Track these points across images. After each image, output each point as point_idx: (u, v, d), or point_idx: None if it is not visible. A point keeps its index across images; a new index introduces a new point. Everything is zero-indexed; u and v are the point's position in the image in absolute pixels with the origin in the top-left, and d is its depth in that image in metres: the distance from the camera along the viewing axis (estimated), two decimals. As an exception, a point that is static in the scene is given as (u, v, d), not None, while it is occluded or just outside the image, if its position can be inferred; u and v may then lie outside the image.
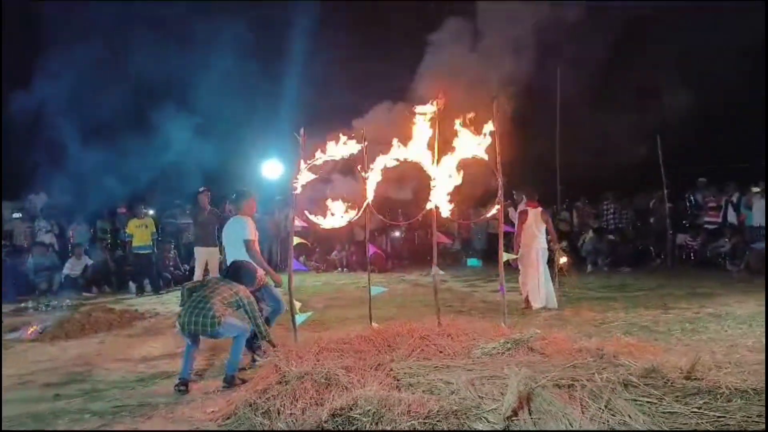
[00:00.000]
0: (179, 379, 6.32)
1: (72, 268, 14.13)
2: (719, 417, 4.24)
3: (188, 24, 16.94)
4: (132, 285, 14.28)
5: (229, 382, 6.28)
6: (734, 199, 15.41)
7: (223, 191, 16.89)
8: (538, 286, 10.28)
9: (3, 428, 5.14)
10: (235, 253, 7.38)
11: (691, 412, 4.29)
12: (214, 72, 17.23)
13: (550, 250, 10.52)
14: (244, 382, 6.20)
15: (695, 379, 4.71)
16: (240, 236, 7.39)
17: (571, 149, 19.80)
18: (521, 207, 11.61)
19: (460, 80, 12.17)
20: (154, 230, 14.84)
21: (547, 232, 10.54)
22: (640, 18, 16.63)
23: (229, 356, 6.50)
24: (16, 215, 16.63)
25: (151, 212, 16.09)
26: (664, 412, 4.31)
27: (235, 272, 6.87)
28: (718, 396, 4.44)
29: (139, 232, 14.39)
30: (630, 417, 4.23)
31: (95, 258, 14.86)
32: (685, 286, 12.12)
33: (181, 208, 16.70)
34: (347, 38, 17.52)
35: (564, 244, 12.93)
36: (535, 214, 10.50)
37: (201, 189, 13.08)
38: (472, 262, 16.91)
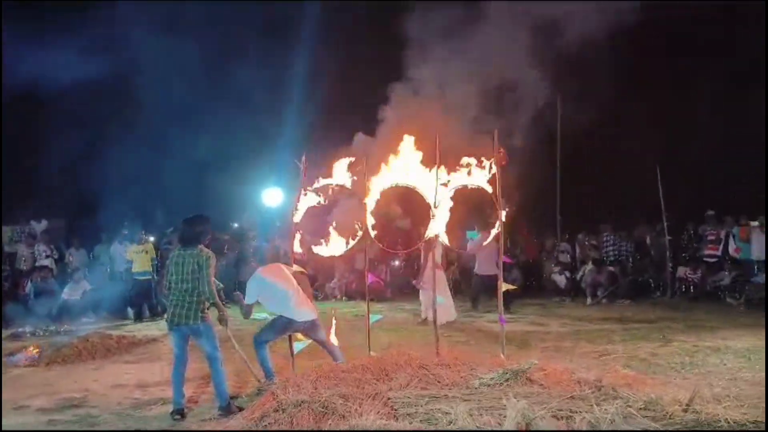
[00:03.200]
0: (174, 407, 6.32)
1: (71, 293, 14.04)
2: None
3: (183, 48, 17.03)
4: (130, 311, 14.19)
5: (225, 410, 6.26)
6: (734, 232, 15.39)
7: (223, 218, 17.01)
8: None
9: (3, 428, 5.14)
10: None
11: (690, 445, 4.27)
12: (214, 99, 17.35)
13: None
14: (241, 409, 6.17)
15: (694, 412, 4.68)
16: None
17: (572, 180, 19.93)
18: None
19: (458, 111, 12.14)
20: (154, 256, 14.83)
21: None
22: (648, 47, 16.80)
23: (214, 386, 6.52)
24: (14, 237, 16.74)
25: (151, 238, 16.05)
26: (662, 445, 4.29)
27: (189, 232, 6.64)
28: (717, 429, 4.41)
29: (139, 258, 14.37)
30: (628, 449, 4.21)
31: (94, 283, 14.78)
32: (685, 319, 12.08)
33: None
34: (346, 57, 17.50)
35: None
36: None
37: None
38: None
